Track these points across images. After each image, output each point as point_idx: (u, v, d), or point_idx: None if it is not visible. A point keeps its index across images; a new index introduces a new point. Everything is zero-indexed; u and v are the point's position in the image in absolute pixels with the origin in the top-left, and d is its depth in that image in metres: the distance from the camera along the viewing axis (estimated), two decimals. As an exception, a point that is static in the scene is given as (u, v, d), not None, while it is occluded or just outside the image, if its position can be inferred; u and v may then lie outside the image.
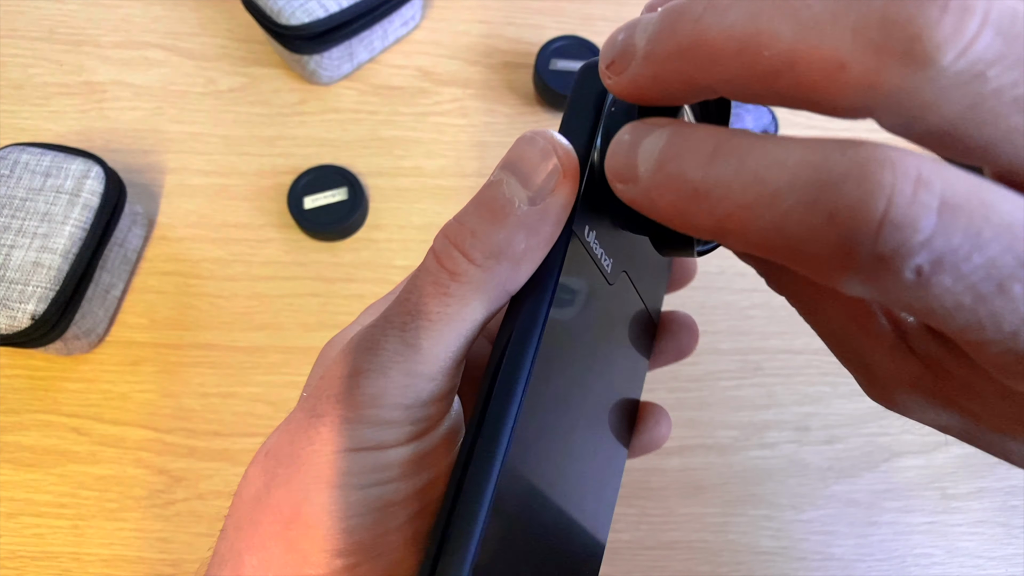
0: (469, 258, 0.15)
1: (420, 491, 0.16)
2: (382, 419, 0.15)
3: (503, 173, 0.15)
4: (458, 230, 0.15)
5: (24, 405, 0.44)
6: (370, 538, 0.15)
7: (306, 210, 0.48)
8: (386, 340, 0.16)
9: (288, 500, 0.16)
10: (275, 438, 0.17)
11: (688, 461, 0.45)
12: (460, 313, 0.15)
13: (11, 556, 0.40)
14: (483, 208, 0.15)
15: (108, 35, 0.55)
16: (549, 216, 0.15)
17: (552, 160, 0.15)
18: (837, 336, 0.16)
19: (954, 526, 0.44)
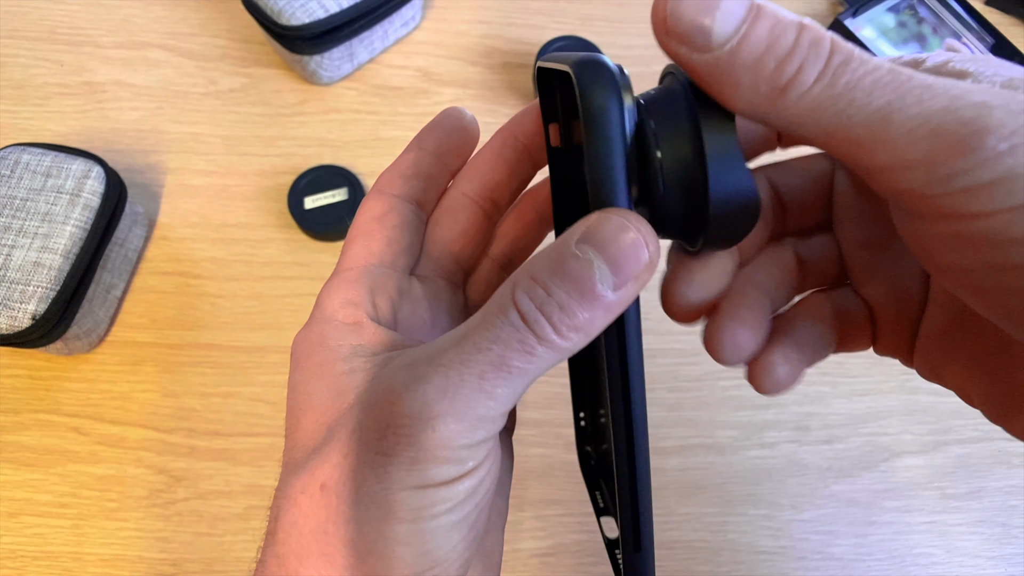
0: (556, 330, 0.16)
1: (478, 504, 0.18)
2: (450, 459, 0.16)
3: (592, 255, 0.16)
4: (544, 300, 0.16)
5: (25, 405, 0.44)
6: (441, 555, 0.17)
7: (306, 210, 0.48)
8: (464, 386, 0.16)
9: (362, 537, 0.17)
10: (329, 471, 0.17)
11: (688, 461, 0.45)
12: (536, 369, 0.16)
13: (12, 556, 0.40)
14: (572, 285, 0.16)
15: (108, 35, 0.55)
16: (629, 298, 0.16)
17: (644, 255, 0.16)
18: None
19: (953, 526, 0.44)
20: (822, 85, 0.14)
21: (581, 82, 0.16)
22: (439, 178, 0.23)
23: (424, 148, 0.22)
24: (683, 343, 0.48)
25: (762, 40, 0.14)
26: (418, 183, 0.22)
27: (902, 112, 0.14)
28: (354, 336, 0.19)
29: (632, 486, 0.18)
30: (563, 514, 0.43)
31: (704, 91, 0.16)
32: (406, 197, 0.22)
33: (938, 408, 0.47)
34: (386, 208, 0.22)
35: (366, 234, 0.21)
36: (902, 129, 0.14)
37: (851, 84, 0.14)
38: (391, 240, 0.21)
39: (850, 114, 0.14)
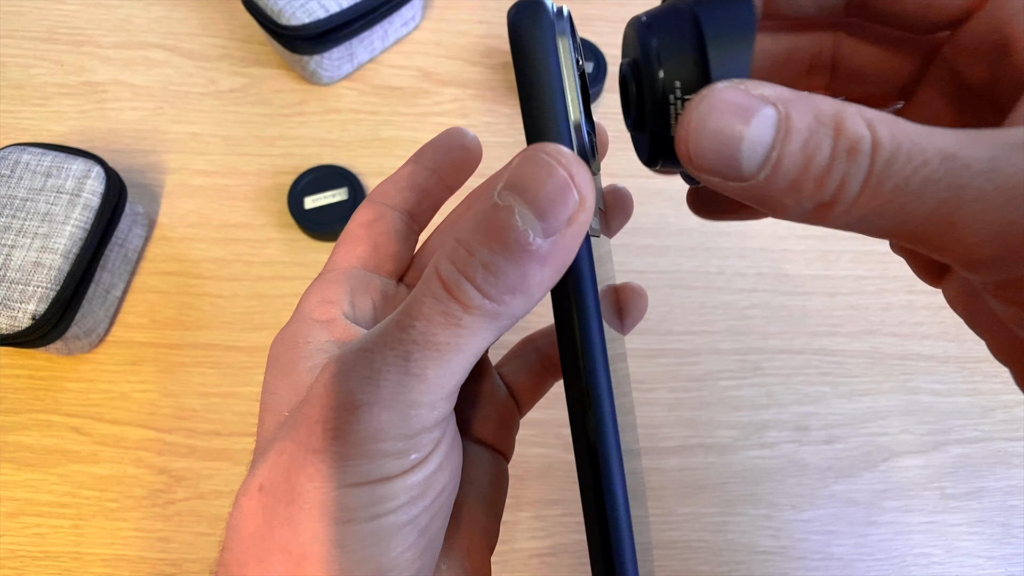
0: (483, 293, 0.14)
1: (429, 506, 0.16)
2: (384, 452, 0.15)
3: (513, 199, 0.14)
4: (467, 260, 0.14)
5: (25, 405, 0.44)
6: (386, 561, 0.15)
7: (306, 210, 0.48)
8: (388, 370, 0.15)
9: (295, 539, 0.15)
10: (267, 472, 0.16)
11: (688, 461, 0.45)
12: (470, 344, 0.15)
13: (11, 556, 0.40)
14: (493, 238, 0.14)
15: (108, 35, 0.55)
16: (567, 249, 0.14)
17: (571, 195, 0.14)
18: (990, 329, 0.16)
19: (953, 526, 0.44)
20: (868, 195, 0.13)
21: (509, 19, 0.15)
22: (435, 192, 0.22)
23: (421, 163, 0.22)
24: (683, 343, 0.48)
25: (796, 162, 0.13)
26: (412, 195, 0.22)
27: (962, 211, 0.13)
28: (325, 333, 0.19)
29: (600, 513, 0.15)
30: (563, 514, 0.43)
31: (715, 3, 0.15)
32: (397, 207, 0.22)
33: (938, 408, 0.47)
34: (375, 215, 0.21)
35: (353, 239, 0.21)
36: (965, 229, 0.13)
37: (899, 188, 0.13)
38: (377, 246, 0.21)
39: (904, 218, 0.13)
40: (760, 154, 0.13)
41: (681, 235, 0.50)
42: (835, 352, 0.48)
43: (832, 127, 0.13)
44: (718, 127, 0.13)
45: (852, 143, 0.13)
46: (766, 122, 0.13)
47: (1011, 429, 0.47)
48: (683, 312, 0.49)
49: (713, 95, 0.13)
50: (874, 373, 0.48)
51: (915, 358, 0.48)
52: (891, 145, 0.13)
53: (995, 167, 0.12)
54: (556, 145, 0.14)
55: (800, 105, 0.13)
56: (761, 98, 0.13)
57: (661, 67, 0.16)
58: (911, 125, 0.13)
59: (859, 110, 0.13)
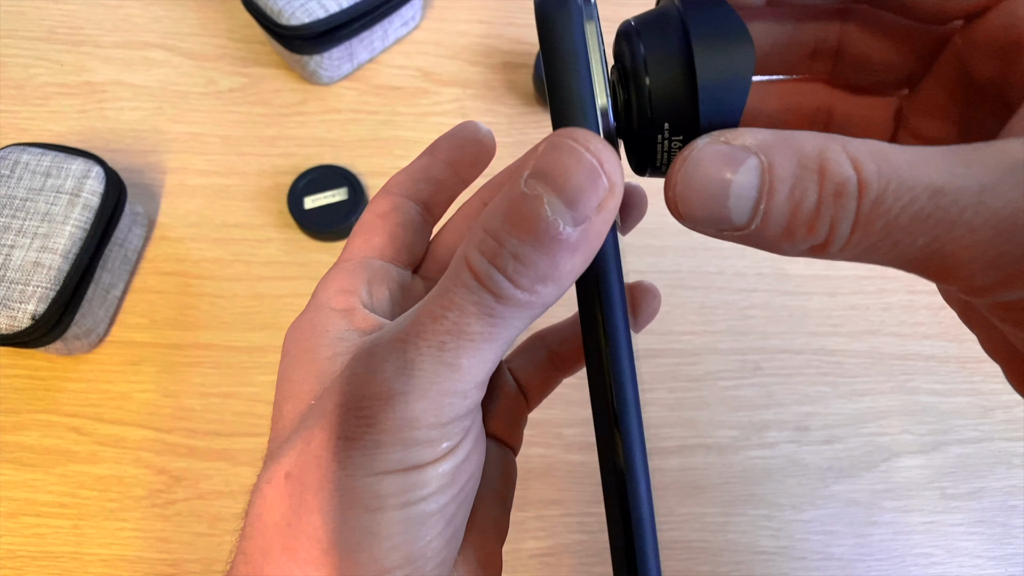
0: (515, 284, 0.14)
1: (456, 495, 0.16)
2: (418, 440, 0.15)
3: (542, 188, 0.14)
4: (497, 251, 0.14)
5: (24, 405, 0.44)
6: (414, 550, 0.16)
7: (306, 210, 0.48)
8: (422, 360, 0.15)
9: (324, 527, 0.15)
10: (294, 459, 0.16)
11: (688, 461, 0.45)
12: (503, 333, 0.15)
13: (11, 556, 0.40)
14: (523, 229, 0.14)
15: (108, 35, 0.55)
16: (597, 235, 0.14)
17: (601, 181, 0.14)
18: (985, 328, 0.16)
19: (954, 526, 0.44)
20: (860, 235, 0.13)
21: (537, 3, 0.15)
22: (449, 185, 0.22)
23: (436, 155, 0.22)
24: (683, 343, 0.48)
25: (785, 211, 0.13)
26: (426, 187, 0.22)
27: (953, 244, 0.13)
28: (344, 322, 0.18)
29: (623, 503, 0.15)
30: (563, 514, 0.43)
31: (703, 8, 0.15)
32: (412, 198, 0.22)
33: (938, 408, 0.47)
34: (391, 206, 0.21)
35: (368, 229, 0.21)
36: (959, 260, 0.13)
37: (889, 227, 0.13)
38: (394, 236, 0.21)
39: (898, 252, 0.13)
40: (748, 206, 0.13)
41: (681, 235, 0.50)
42: (835, 352, 0.48)
43: (817, 170, 0.13)
44: (703, 186, 0.14)
45: (838, 186, 0.13)
46: (750, 174, 0.13)
47: (1011, 429, 0.47)
48: (683, 312, 0.49)
49: (694, 155, 0.14)
50: (874, 373, 0.48)
51: (915, 358, 0.48)
52: (878, 184, 0.13)
53: (982, 200, 0.12)
54: (583, 130, 0.14)
55: (782, 151, 0.13)
56: (743, 149, 0.13)
57: (647, 74, 0.15)
58: (899, 155, 0.13)
59: (844, 145, 0.13)
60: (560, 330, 0.25)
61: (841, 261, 0.14)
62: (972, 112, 0.18)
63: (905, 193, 0.13)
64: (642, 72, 0.15)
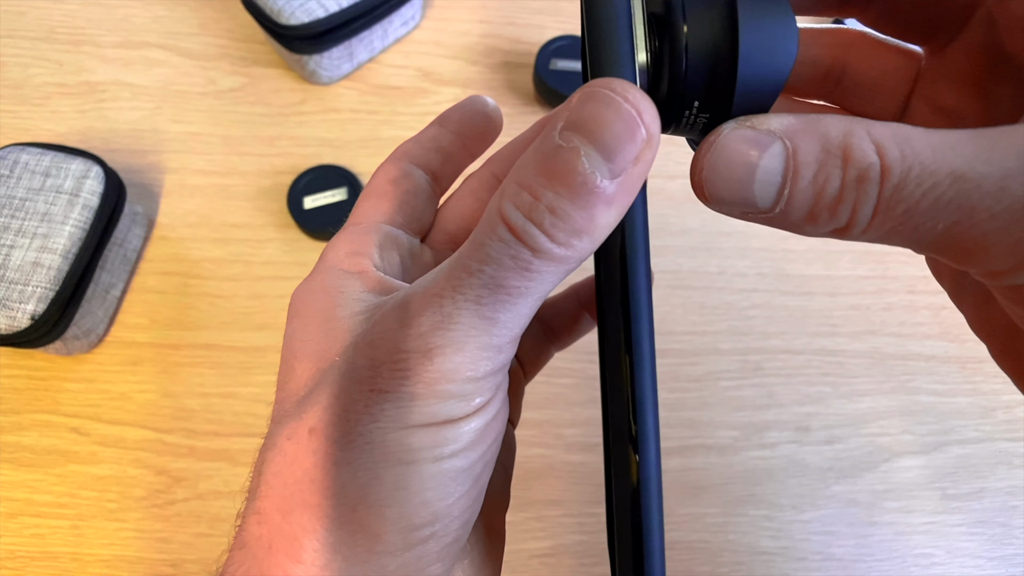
0: (551, 238, 0.14)
1: (484, 454, 0.16)
2: (454, 393, 0.15)
3: (578, 140, 0.13)
4: (533, 205, 0.14)
5: (24, 405, 0.44)
6: (442, 508, 0.15)
7: (306, 210, 0.48)
8: (460, 314, 0.15)
9: (354, 481, 0.15)
10: (319, 413, 0.16)
11: (688, 461, 0.45)
12: (539, 287, 0.15)
13: (11, 556, 0.40)
14: (559, 181, 0.14)
15: (108, 35, 0.55)
16: (633, 187, 0.14)
17: (639, 132, 0.13)
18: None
19: (954, 526, 0.44)
20: (881, 219, 0.13)
21: None
22: (457, 156, 0.22)
23: (446, 126, 0.22)
24: (683, 343, 0.48)
25: (808, 195, 0.14)
26: (436, 156, 0.22)
27: (974, 229, 0.13)
28: (358, 283, 0.18)
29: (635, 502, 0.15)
30: (563, 515, 0.43)
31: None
32: (422, 166, 0.22)
33: (939, 408, 0.47)
34: (400, 173, 0.21)
35: (378, 195, 0.21)
36: (978, 245, 0.13)
37: (911, 211, 0.13)
38: (403, 203, 0.21)
39: (919, 235, 0.13)
40: (773, 191, 0.14)
41: (681, 235, 0.50)
42: (836, 352, 0.48)
43: (840, 156, 0.13)
44: (730, 170, 0.14)
45: (861, 171, 0.13)
46: (775, 159, 0.13)
47: (1012, 429, 0.47)
48: (683, 312, 0.49)
49: (720, 140, 0.14)
50: (875, 373, 0.47)
51: (916, 358, 0.48)
52: (900, 170, 0.13)
53: (1004, 186, 0.12)
54: (620, 80, 0.14)
55: (807, 136, 0.13)
56: (768, 134, 0.14)
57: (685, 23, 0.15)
58: (922, 139, 0.13)
59: (868, 129, 0.13)
60: (554, 303, 0.25)
61: (863, 243, 0.14)
62: (995, 85, 0.18)
63: (927, 179, 0.13)
64: (681, 38, 0.15)
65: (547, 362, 0.25)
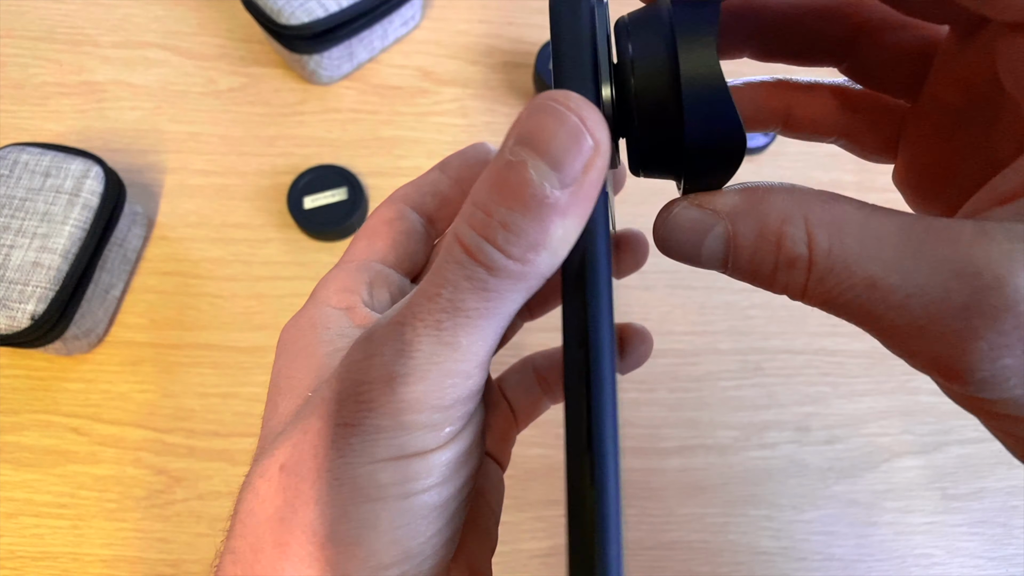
0: (506, 254, 0.14)
1: (458, 489, 0.16)
2: (421, 424, 0.15)
3: (525, 153, 0.14)
4: (485, 223, 0.14)
5: (24, 405, 0.44)
6: (414, 546, 0.15)
7: (306, 210, 0.48)
8: (420, 341, 0.14)
9: (321, 520, 0.15)
10: (289, 450, 0.16)
11: (688, 461, 0.45)
12: (500, 308, 0.14)
13: (10, 556, 0.40)
14: (509, 196, 0.14)
15: (108, 35, 0.55)
16: (585, 197, 0.14)
17: (585, 141, 0.13)
18: None
19: (954, 526, 0.44)
20: (807, 299, 0.15)
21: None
22: (455, 202, 0.22)
23: (446, 172, 0.22)
24: (683, 343, 0.48)
25: (745, 268, 0.15)
26: (432, 200, 0.22)
27: (882, 333, 0.14)
28: (345, 319, 0.18)
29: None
30: (563, 515, 0.43)
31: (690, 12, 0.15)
32: (418, 209, 0.22)
33: (939, 408, 0.47)
34: (396, 214, 0.21)
35: (372, 234, 0.21)
36: (895, 334, 0.14)
37: (829, 303, 0.14)
38: (396, 243, 0.21)
39: (846, 318, 0.15)
40: (717, 262, 0.15)
41: (681, 235, 0.50)
42: (836, 352, 0.48)
43: (774, 243, 0.14)
44: (679, 245, 0.16)
45: (790, 259, 0.14)
46: (716, 240, 0.15)
47: (1012, 429, 0.47)
48: (683, 312, 0.49)
49: (669, 220, 0.16)
50: (875, 373, 0.47)
51: (916, 358, 0.48)
52: (824, 266, 0.14)
53: (906, 304, 0.13)
54: (563, 91, 0.14)
55: (747, 220, 0.15)
56: (713, 216, 0.15)
57: (633, 76, 0.15)
58: (855, 233, 0.14)
59: (807, 216, 0.14)
60: (549, 355, 0.25)
61: None
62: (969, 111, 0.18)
63: (846, 279, 0.14)
64: (626, 48, 0.16)
65: (540, 414, 0.25)
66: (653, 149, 0.16)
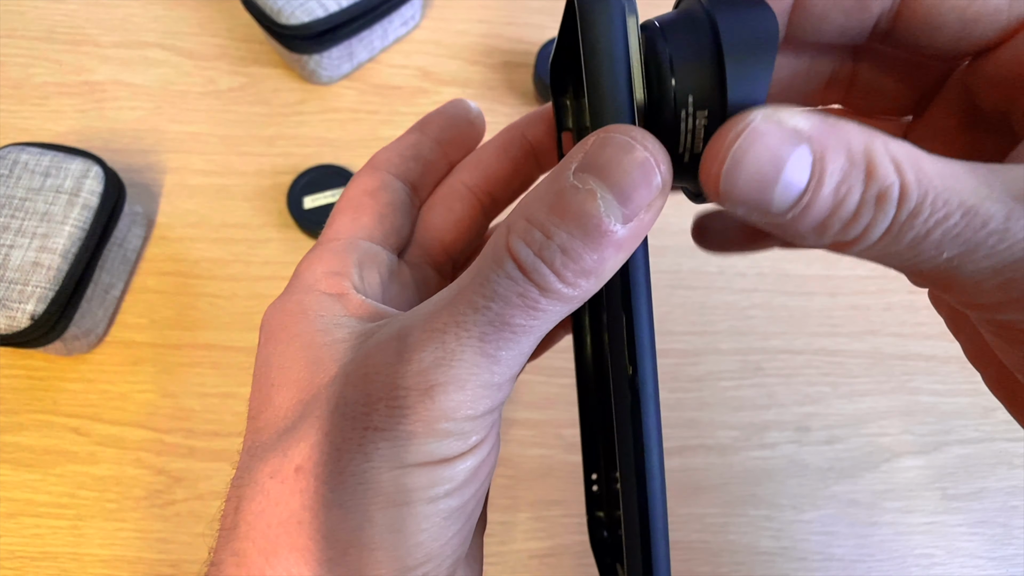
0: (561, 278, 0.14)
1: (477, 491, 0.16)
2: (451, 432, 0.14)
3: (594, 183, 0.14)
4: (544, 243, 0.14)
5: (24, 405, 0.44)
6: (436, 548, 0.15)
7: (306, 210, 0.48)
8: (463, 351, 0.14)
9: (344, 525, 0.14)
10: (307, 452, 0.15)
11: (688, 461, 0.45)
12: (542, 326, 0.15)
13: (10, 556, 0.40)
14: (572, 222, 0.14)
15: (108, 35, 0.55)
16: (641, 233, 0.14)
17: (656, 180, 0.14)
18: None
19: (954, 526, 0.44)
20: (887, 241, 0.13)
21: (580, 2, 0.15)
22: (437, 165, 0.22)
23: (426, 133, 0.21)
24: (683, 343, 0.48)
25: (827, 206, 0.13)
26: (415, 166, 0.21)
27: (971, 264, 0.13)
28: (339, 307, 0.18)
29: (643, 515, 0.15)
30: (563, 515, 0.43)
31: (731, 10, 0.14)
32: (401, 177, 0.21)
33: (939, 408, 0.47)
34: (379, 184, 0.20)
35: (356, 207, 0.20)
36: (970, 280, 0.13)
37: (918, 239, 0.13)
38: (382, 217, 0.20)
39: (917, 262, 0.13)
40: (792, 196, 0.13)
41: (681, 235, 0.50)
42: (836, 352, 0.48)
43: (864, 169, 0.13)
44: (753, 168, 0.13)
45: (882, 189, 0.13)
46: (801, 164, 0.13)
47: (1012, 429, 0.47)
48: (684, 312, 0.49)
49: (749, 130, 0.13)
50: (875, 373, 0.47)
51: (916, 358, 0.48)
52: (917, 194, 0.13)
53: (1008, 227, 0.13)
54: (639, 128, 0.14)
55: (835, 143, 0.13)
56: (795, 134, 0.13)
57: (673, 75, 0.15)
58: (934, 167, 0.13)
59: (885, 145, 0.13)
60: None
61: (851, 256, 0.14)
62: (976, 137, 0.18)
63: (940, 208, 0.12)
64: (663, 49, 0.15)
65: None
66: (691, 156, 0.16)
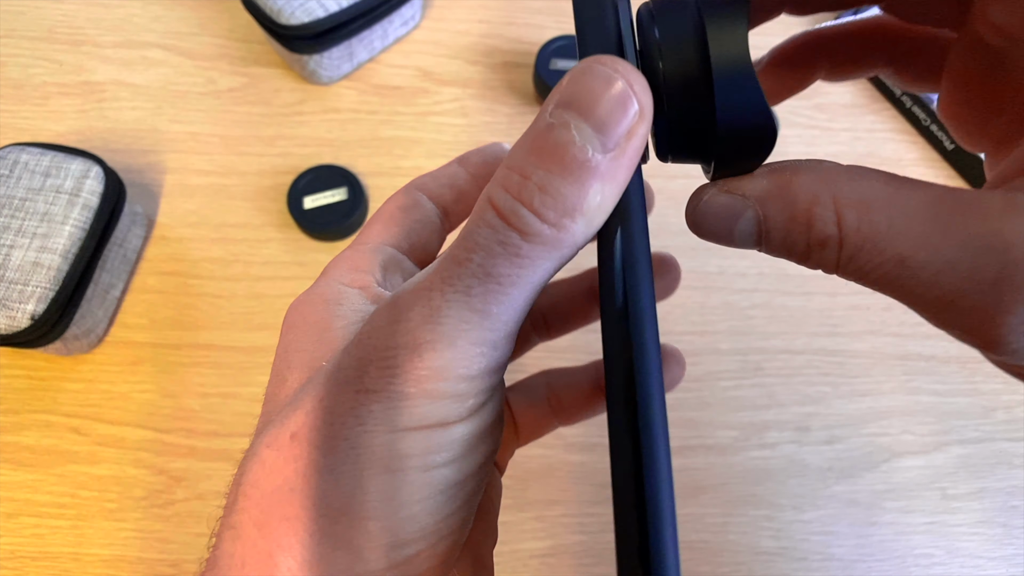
0: (542, 218, 0.13)
1: (479, 468, 0.15)
2: (446, 393, 0.14)
3: (569, 115, 0.13)
4: (521, 185, 0.13)
5: (24, 405, 0.44)
6: (431, 524, 0.14)
7: (306, 210, 0.48)
8: (449, 307, 0.14)
9: (336, 491, 0.14)
10: (302, 418, 0.15)
11: (688, 461, 0.45)
12: (531, 276, 0.14)
13: (10, 556, 0.40)
14: (550, 158, 0.13)
15: (108, 35, 0.55)
16: (626, 161, 0.14)
17: (631, 103, 0.13)
18: None
19: (955, 526, 0.44)
20: (840, 274, 0.15)
21: None
22: (470, 195, 0.22)
23: (464, 166, 0.22)
24: (683, 343, 0.48)
25: (778, 248, 0.15)
26: (450, 192, 0.22)
27: (914, 306, 0.15)
28: (360, 298, 0.18)
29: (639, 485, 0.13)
30: (563, 515, 0.43)
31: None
32: (435, 200, 0.21)
33: (939, 408, 0.47)
34: (412, 202, 0.21)
35: (387, 219, 0.21)
36: (927, 308, 0.14)
37: (862, 279, 0.15)
38: (411, 231, 0.20)
39: (879, 290, 0.15)
40: (751, 241, 0.16)
41: (681, 235, 0.50)
42: (836, 352, 0.48)
43: (804, 225, 0.15)
44: (713, 227, 0.16)
45: (821, 239, 0.14)
46: (748, 224, 0.15)
47: (1013, 429, 0.47)
48: (683, 312, 0.49)
49: (701, 206, 0.16)
50: (875, 373, 0.47)
51: (916, 358, 0.48)
52: (854, 244, 0.14)
53: (938, 280, 0.14)
54: (611, 56, 0.14)
55: (776, 204, 0.15)
56: (742, 200, 0.15)
57: (661, 59, 0.15)
58: (883, 211, 0.14)
59: (836, 197, 0.14)
60: (568, 374, 0.24)
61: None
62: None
63: (876, 257, 0.14)
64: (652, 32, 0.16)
65: (544, 434, 0.25)
66: (683, 134, 0.16)
